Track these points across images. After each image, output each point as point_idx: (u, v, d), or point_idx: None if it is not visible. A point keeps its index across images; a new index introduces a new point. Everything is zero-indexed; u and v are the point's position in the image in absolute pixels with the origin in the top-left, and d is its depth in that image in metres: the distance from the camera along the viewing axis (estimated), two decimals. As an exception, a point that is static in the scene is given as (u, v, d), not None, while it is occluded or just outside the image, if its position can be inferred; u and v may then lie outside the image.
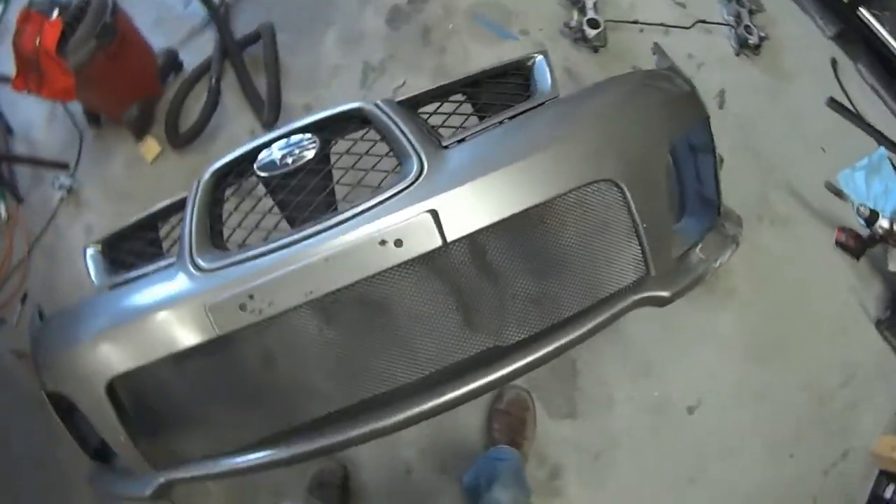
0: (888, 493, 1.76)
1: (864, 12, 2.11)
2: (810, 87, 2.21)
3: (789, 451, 1.80)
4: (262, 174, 1.12)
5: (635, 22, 2.22)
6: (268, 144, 1.16)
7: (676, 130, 1.22)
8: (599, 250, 1.12)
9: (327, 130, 1.16)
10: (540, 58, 1.30)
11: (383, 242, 0.96)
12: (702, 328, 1.89)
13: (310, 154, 1.12)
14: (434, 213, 0.97)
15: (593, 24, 2.15)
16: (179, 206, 1.26)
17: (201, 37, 2.41)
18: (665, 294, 1.14)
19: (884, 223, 1.83)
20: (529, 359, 1.07)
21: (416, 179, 1.03)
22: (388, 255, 0.96)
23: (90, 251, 1.35)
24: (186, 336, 1.02)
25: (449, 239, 0.98)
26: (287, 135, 1.15)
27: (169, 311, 1.03)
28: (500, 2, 2.32)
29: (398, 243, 0.96)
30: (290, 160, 1.12)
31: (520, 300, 1.11)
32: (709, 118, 1.32)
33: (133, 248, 1.33)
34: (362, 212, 1.01)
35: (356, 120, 1.19)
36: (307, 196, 1.10)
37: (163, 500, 1.16)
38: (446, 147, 1.10)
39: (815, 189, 2.04)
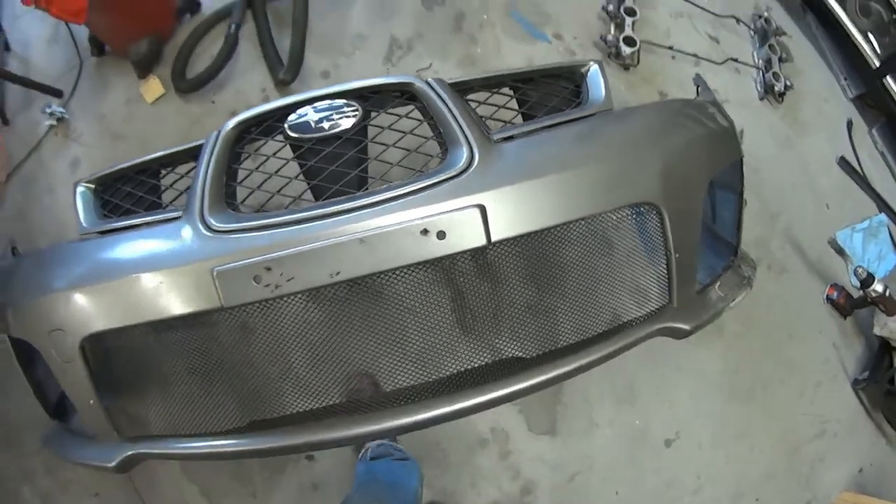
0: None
1: (889, 81, 2.10)
2: (824, 143, 2.20)
3: (757, 493, 1.78)
4: (294, 135, 1.00)
5: (670, 48, 2.16)
6: (303, 104, 1.03)
7: (717, 165, 1.18)
8: (627, 275, 1.07)
9: (370, 101, 1.05)
10: (595, 67, 1.20)
11: (425, 232, 0.86)
12: (689, 363, 1.85)
13: (349, 122, 1.00)
14: (482, 209, 0.88)
15: (629, 42, 2.07)
16: (189, 154, 1.11)
17: (224, -19, 2.22)
18: (685, 327, 1.09)
19: (878, 287, 1.82)
20: (546, 376, 0.98)
21: (466, 170, 0.93)
22: (429, 247, 0.86)
23: (81, 189, 1.18)
24: (185, 302, 0.89)
25: (493, 239, 0.89)
26: (327, 97, 1.03)
27: (169, 271, 0.90)
28: (538, 1, 2.22)
29: (441, 235, 0.86)
30: (326, 125, 1.00)
31: (541, 315, 1.03)
32: (742, 158, 1.27)
33: (130, 194, 1.17)
34: (405, 195, 0.90)
35: (403, 95, 1.07)
36: (339, 167, 0.98)
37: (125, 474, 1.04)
38: (496, 141, 1.00)
39: (814, 242, 2.03)
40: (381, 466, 1.38)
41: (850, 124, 2.23)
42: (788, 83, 2.17)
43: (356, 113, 1.01)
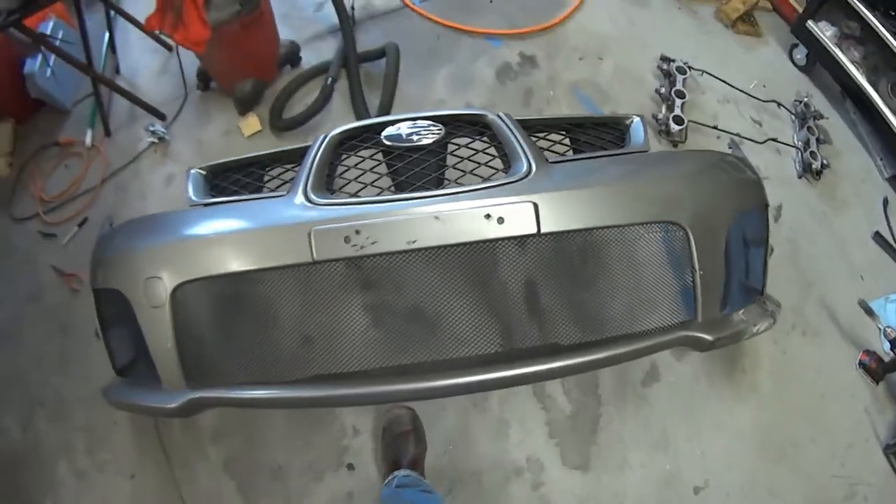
0: None
1: (922, 160, 2.28)
2: (860, 219, 2.36)
3: (782, 554, 1.80)
4: (388, 143, 1.29)
5: (715, 127, 2.44)
6: (396, 122, 1.33)
7: (741, 206, 1.34)
8: (657, 284, 1.25)
9: (451, 125, 1.34)
10: (637, 119, 1.48)
11: (488, 216, 1.09)
12: (722, 416, 1.94)
13: (433, 138, 1.29)
14: (535, 206, 1.11)
15: (678, 120, 2.36)
16: (297, 153, 1.42)
17: (322, 41, 2.68)
18: (708, 337, 1.23)
19: (908, 347, 1.89)
20: (582, 360, 1.16)
21: (524, 178, 1.18)
22: (490, 228, 1.10)
23: (193, 172, 1.49)
24: (281, 254, 1.09)
25: (542, 230, 1.11)
26: (417, 118, 1.33)
27: (271, 229, 1.12)
28: (599, 84, 2.59)
29: (500, 220, 1.09)
30: (415, 137, 1.29)
31: (578, 307, 1.23)
32: (768, 206, 1.43)
33: (237, 181, 1.47)
34: (473, 190, 1.15)
35: (477, 125, 1.37)
36: (422, 170, 1.25)
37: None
38: (551, 163, 1.26)
39: (847, 311, 2.13)
40: (407, 494, 1.49)
41: (885, 202, 2.39)
42: (826, 162, 2.39)
43: (440, 132, 1.30)
